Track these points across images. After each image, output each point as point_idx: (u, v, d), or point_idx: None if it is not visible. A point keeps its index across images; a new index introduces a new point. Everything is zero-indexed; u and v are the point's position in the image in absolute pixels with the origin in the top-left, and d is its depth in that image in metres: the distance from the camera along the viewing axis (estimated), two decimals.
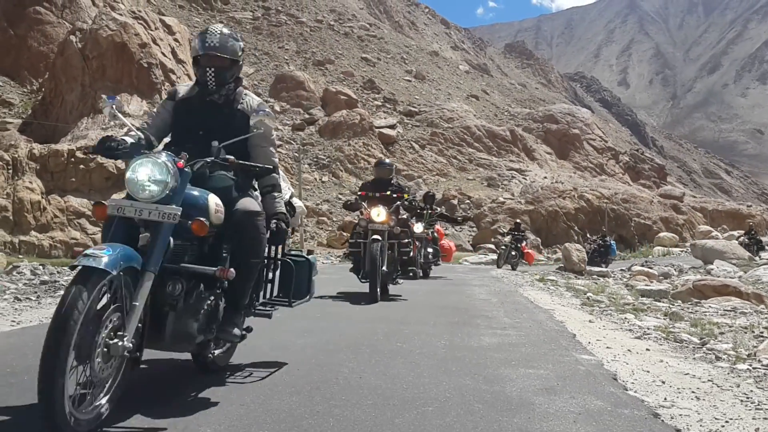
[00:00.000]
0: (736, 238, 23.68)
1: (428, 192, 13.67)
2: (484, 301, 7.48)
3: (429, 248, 11.09)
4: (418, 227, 9.64)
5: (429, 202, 12.22)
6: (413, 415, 2.63)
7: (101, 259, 2.16)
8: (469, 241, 34.41)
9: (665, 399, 3.00)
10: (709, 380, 3.42)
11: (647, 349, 4.34)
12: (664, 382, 3.35)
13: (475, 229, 35.87)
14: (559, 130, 57.05)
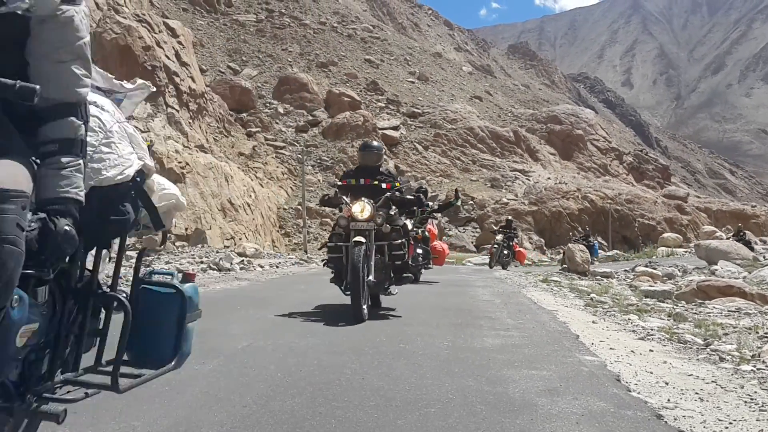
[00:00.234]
0: (726, 239, 23.58)
1: (420, 187, 12.52)
2: (487, 302, 7.46)
3: (419, 249, 9.66)
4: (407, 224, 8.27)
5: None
6: (416, 416, 2.63)
7: None
8: (472, 242, 34.43)
9: (669, 400, 2.99)
10: (713, 381, 3.41)
11: (651, 350, 4.32)
12: (667, 383, 3.33)
13: (478, 229, 35.85)
14: (563, 131, 57.02)
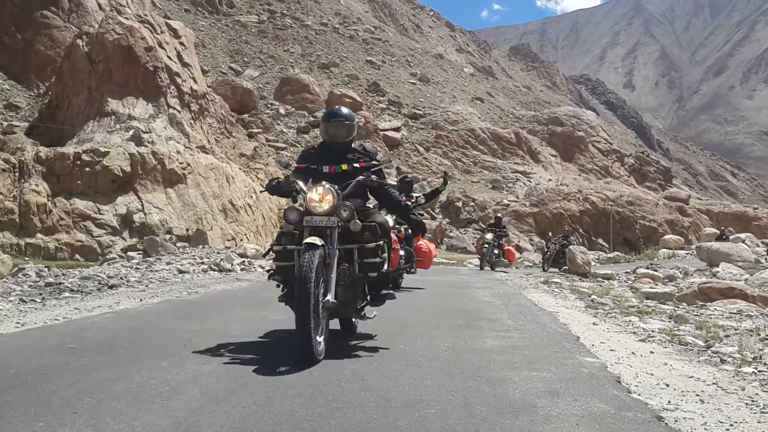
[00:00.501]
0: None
1: (404, 177, 10.82)
2: (487, 303, 7.45)
3: (401, 250, 8.68)
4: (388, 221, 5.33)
5: (405, 191, 9.09)
6: (415, 417, 2.62)
7: None
8: (473, 244, 34.38)
9: (669, 402, 2.99)
10: (713, 383, 3.40)
11: (651, 352, 4.32)
12: (668, 385, 3.33)
13: (480, 231, 35.83)
14: (564, 133, 57.01)
